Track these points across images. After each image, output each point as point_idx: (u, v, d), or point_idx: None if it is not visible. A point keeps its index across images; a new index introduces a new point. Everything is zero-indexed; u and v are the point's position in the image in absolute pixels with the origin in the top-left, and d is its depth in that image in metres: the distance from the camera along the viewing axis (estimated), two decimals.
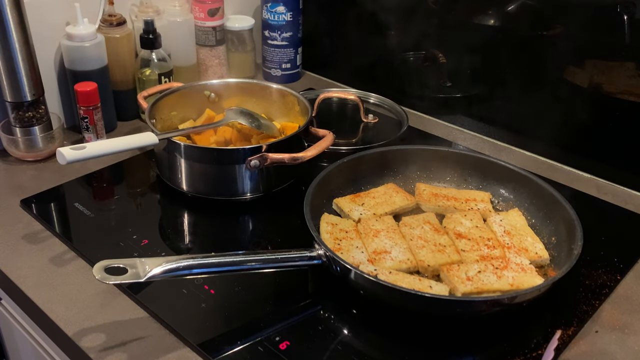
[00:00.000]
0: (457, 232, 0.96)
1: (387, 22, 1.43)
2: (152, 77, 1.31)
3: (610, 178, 1.19)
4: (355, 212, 1.01)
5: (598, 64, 1.17)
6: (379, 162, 1.10)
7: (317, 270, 0.87)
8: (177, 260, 0.78)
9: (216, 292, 0.88)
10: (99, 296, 0.87)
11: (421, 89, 1.42)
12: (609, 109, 1.17)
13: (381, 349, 0.81)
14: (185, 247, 1.02)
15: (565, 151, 1.24)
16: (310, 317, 0.85)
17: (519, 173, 1.04)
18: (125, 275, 0.75)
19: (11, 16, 1.08)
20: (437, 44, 1.37)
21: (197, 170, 1.06)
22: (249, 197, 1.07)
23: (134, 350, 0.79)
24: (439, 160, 1.11)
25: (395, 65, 1.46)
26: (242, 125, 1.16)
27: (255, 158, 1.00)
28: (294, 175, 1.11)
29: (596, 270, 0.94)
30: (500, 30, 1.26)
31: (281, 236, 1.01)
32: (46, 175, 1.16)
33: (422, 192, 1.06)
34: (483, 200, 1.04)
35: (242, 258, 0.82)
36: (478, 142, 1.33)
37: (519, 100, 1.28)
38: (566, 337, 0.82)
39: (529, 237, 0.95)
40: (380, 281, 0.79)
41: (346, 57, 1.58)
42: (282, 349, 0.78)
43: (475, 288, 0.84)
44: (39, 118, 1.19)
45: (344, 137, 1.26)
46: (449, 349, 0.82)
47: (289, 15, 1.49)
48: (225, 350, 0.78)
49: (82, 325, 0.82)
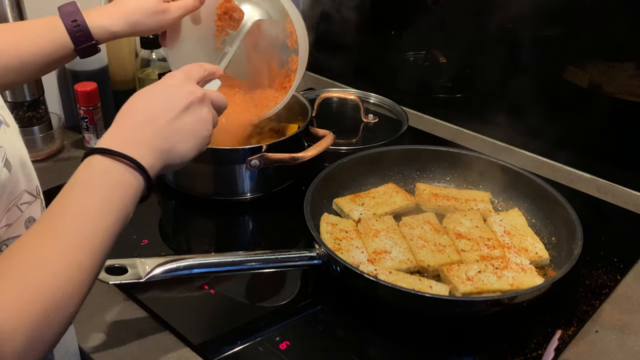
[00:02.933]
0: (457, 232, 0.96)
1: (387, 22, 1.43)
2: (153, 77, 1.31)
3: (610, 178, 1.19)
4: (355, 212, 1.01)
5: (598, 64, 1.17)
6: (379, 162, 1.10)
7: (317, 270, 0.87)
8: (177, 260, 0.78)
9: (216, 292, 0.88)
10: (99, 296, 0.87)
11: (421, 89, 1.42)
12: (609, 109, 1.17)
13: (381, 349, 0.81)
14: (185, 247, 1.02)
15: (565, 151, 1.24)
16: (310, 317, 0.85)
17: (519, 173, 1.04)
18: (125, 275, 0.75)
19: (11, 16, 1.08)
20: (437, 44, 1.37)
21: (197, 170, 1.06)
22: (249, 197, 1.07)
23: (134, 350, 0.79)
24: (439, 160, 1.11)
25: (395, 65, 1.46)
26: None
27: (255, 158, 1.00)
28: (294, 175, 1.11)
29: (596, 270, 0.94)
30: (500, 30, 1.26)
31: (281, 236, 1.01)
32: (46, 175, 1.16)
33: (422, 192, 1.06)
34: (483, 200, 1.04)
35: (242, 258, 0.82)
36: (478, 142, 1.33)
37: (519, 100, 1.28)
38: (566, 337, 0.82)
39: (529, 237, 0.95)
40: (380, 281, 0.79)
41: (346, 57, 1.57)
42: (282, 349, 0.78)
43: (475, 288, 0.83)
44: (39, 118, 1.19)
45: (344, 137, 1.26)
46: (449, 349, 0.82)
47: None
48: (225, 350, 0.78)
49: (82, 325, 0.81)
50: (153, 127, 0.62)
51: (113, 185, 0.57)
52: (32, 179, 0.65)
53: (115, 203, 0.57)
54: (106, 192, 0.57)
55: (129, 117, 0.63)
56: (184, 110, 0.65)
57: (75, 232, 0.54)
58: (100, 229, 0.55)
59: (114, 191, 0.57)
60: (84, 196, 0.56)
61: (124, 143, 0.59)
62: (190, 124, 0.65)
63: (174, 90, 0.66)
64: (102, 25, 0.86)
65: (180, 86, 0.66)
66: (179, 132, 0.64)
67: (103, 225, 0.55)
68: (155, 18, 0.89)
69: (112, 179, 0.58)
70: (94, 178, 0.57)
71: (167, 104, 0.64)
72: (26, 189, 0.64)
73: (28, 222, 0.65)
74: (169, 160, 0.64)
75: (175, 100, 0.65)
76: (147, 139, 0.61)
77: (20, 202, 0.63)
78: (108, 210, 0.56)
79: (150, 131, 0.62)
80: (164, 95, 0.65)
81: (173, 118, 0.64)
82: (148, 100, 0.64)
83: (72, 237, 0.53)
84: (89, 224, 0.55)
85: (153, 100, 0.64)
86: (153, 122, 0.62)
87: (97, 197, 0.56)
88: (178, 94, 0.65)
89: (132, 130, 0.61)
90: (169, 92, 0.65)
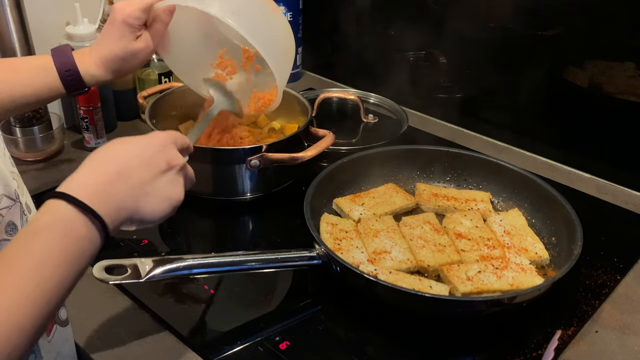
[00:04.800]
0: (457, 232, 0.96)
1: (387, 22, 1.43)
2: (152, 77, 1.31)
3: (610, 178, 1.19)
4: (355, 212, 1.00)
5: (598, 64, 1.17)
6: (379, 162, 1.10)
7: (317, 270, 0.87)
8: (177, 260, 0.78)
9: (216, 292, 0.88)
10: (99, 296, 0.87)
11: (421, 89, 1.42)
12: (609, 109, 1.17)
13: (381, 349, 0.81)
14: (185, 247, 1.02)
15: (565, 151, 1.24)
16: (310, 317, 0.85)
17: (519, 173, 1.04)
18: (125, 275, 0.75)
19: (11, 16, 1.08)
20: (437, 44, 1.37)
21: (197, 170, 1.05)
22: (249, 197, 1.07)
23: (134, 350, 0.79)
24: (439, 160, 1.11)
25: (395, 65, 1.46)
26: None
27: (255, 158, 1.00)
28: (294, 175, 1.11)
29: (596, 270, 0.94)
30: (500, 30, 1.26)
31: (281, 236, 1.01)
32: (46, 175, 1.16)
33: (422, 192, 1.06)
34: (483, 200, 1.04)
35: (242, 258, 0.82)
36: (478, 142, 1.33)
37: (519, 100, 1.28)
38: (566, 337, 0.82)
39: (529, 237, 0.95)
40: (380, 281, 0.79)
41: (346, 57, 1.57)
42: (282, 349, 0.78)
43: (475, 288, 0.83)
44: (39, 118, 1.19)
45: (344, 137, 1.26)
46: (449, 349, 0.82)
47: (289, 15, 1.49)
48: (225, 350, 0.78)
49: (82, 325, 0.82)
50: (126, 183, 0.60)
51: (73, 237, 0.54)
52: (9, 182, 0.64)
53: (73, 255, 0.54)
54: (65, 242, 0.54)
55: (103, 165, 0.60)
56: (162, 174, 0.63)
57: (23, 289, 0.50)
58: (50, 281, 0.52)
59: (74, 243, 0.54)
60: (41, 244, 0.53)
61: (92, 195, 0.56)
62: (163, 189, 0.63)
63: (156, 151, 0.64)
64: (93, 75, 0.88)
65: (164, 148, 0.65)
66: (149, 194, 0.62)
67: (55, 278, 0.52)
68: (135, 59, 0.89)
69: (73, 231, 0.55)
70: (55, 226, 0.54)
71: (146, 163, 0.62)
72: (5, 193, 0.63)
73: (8, 227, 0.63)
74: (132, 219, 0.61)
75: (156, 161, 0.63)
76: (117, 194, 0.59)
77: (0, 206, 0.62)
78: (63, 262, 0.53)
79: (122, 187, 0.59)
80: (145, 153, 0.63)
81: (149, 179, 0.62)
82: (127, 153, 0.62)
83: (18, 295, 0.50)
84: (39, 275, 0.51)
85: (133, 155, 0.62)
86: (127, 178, 0.60)
87: (54, 247, 0.53)
88: (161, 156, 0.64)
89: (103, 182, 0.58)
90: (151, 151, 0.63)
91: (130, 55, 0.88)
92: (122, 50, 0.87)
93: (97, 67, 0.88)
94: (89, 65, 0.87)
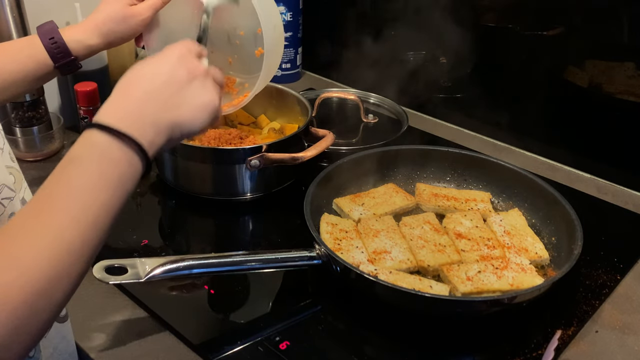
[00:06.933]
0: (457, 232, 0.96)
1: (388, 22, 1.43)
2: None
3: (610, 178, 1.19)
4: (355, 212, 1.00)
5: (598, 64, 1.17)
6: (379, 162, 1.10)
7: (317, 270, 0.87)
8: (177, 260, 0.78)
9: (216, 292, 0.88)
10: (99, 296, 0.87)
11: (421, 89, 1.42)
12: (609, 109, 1.17)
13: (381, 349, 0.81)
14: (185, 247, 1.02)
15: (565, 151, 1.24)
16: (310, 317, 0.85)
17: (519, 173, 1.04)
18: (125, 275, 0.75)
19: (11, 16, 1.08)
20: (437, 44, 1.37)
21: (197, 171, 1.06)
22: (249, 197, 1.07)
23: (134, 350, 0.79)
24: (439, 160, 1.11)
25: (395, 65, 1.46)
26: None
27: (255, 158, 1.00)
28: (294, 175, 1.11)
29: (596, 270, 0.94)
30: (500, 30, 1.26)
31: (281, 236, 1.01)
32: (46, 175, 1.16)
33: (422, 192, 1.06)
34: (483, 200, 1.04)
35: (242, 258, 0.82)
36: (478, 142, 1.33)
37: (519, 100, 1.28)
38: (566, 337, 0.82)
39: (529, 237, 0.95)
40: (380, 281, 0.79)
41: (346, 57, 1.57)
42: (282, 349, 0.78)
43: (475, 288, 0.83)
44: (39, 118, 1.19)
45: (344, 137, 1.26)
46: (449, 349, 0.82)
47: (289, 15, 1.49)
48: (225, 350, 0.78)
49: (82, 325, 0.82)
50: (156, 100, 0.60)
51: (110, 162, 0.55)
52: (5, 174, 0.64)
53: (112, 179, 0.55)
54: (102, 167, 0.55)
55: (129, 91, 0.61)
56: (187, 83, 0.63)
57: (65, 211, 0.51)
58: (93, 206, 0.52)
59: (111, 167, 0.55)
60: (78, 171, 0.54)
61: (124, 119, 0.57)
62: (195, 97, 0.64)
63: (175, 64, 0.64)
64: (79, 40, 0.87)
65: (181, 59, 0.65)
66: (181, 105, 0.62)
67: (97, 202, 0.53)
68: (126, 23, 0.89)
69: (109, 155, 0.55)
70: (90, 153, 0.55)
71: (169, 77, 0.62)
72: (5, 183, 0.63)
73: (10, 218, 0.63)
74: (174, 134, 0.62)
75: (178, 73, 0.63)
76: (149, 114, 0.59)
77: (1, 196, 0.62)
78: (104, 186, 0.54)
79: (153, 105, 0.60)
80: (165, 69, 0.63)
81: (176, 91, 0.62)
82: (149, 74, 0.62)
83: (61, 216, 0.51)
84: (81, 200, 0.52)
85: (154, 74, 0.62)
86: (155, 95, 0.61)
87: (92, 172, 0.54)
88: (180, 67, 0.64)
89: (133, 104, 0.59)
90: (170, 65, 0.64)
91: (121, 18, 0.88)
92: (114, 11, 0.88)
93: (85, 32, 0.87)
94: (75, 31, 0.87)
